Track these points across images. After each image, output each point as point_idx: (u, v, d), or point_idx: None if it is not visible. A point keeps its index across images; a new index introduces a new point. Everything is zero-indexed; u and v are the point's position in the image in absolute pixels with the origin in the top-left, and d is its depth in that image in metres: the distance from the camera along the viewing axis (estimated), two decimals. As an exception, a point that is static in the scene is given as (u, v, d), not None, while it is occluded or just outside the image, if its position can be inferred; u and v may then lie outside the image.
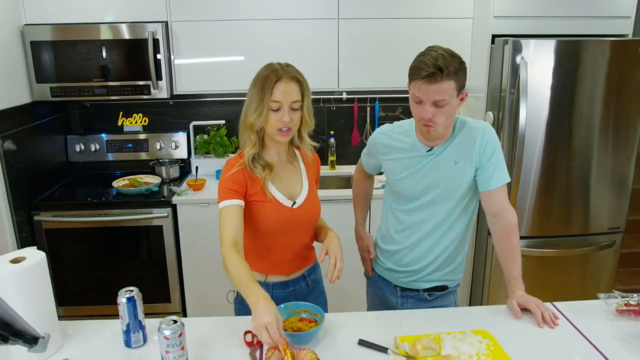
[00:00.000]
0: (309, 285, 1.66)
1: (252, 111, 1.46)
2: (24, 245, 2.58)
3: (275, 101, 1.43)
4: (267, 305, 1.25)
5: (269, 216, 1.52)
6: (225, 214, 1.46)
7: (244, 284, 1.34)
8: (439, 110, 1.42)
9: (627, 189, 2.74)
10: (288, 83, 1.44)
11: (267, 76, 1.44)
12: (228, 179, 1.49)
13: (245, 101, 1.50)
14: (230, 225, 1.44)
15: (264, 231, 1.54)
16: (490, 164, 1.51)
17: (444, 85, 1.39)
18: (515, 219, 1.56)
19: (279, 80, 1.43)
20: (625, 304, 1.49)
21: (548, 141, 2.60)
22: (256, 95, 1.45)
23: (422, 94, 1.42)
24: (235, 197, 1.47)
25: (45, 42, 2.66)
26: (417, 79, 1.41)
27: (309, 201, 1.59)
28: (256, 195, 1.51)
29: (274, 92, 1.43)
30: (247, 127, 1.48)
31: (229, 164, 1.53)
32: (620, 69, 2.54)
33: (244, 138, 1.52)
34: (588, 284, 2.89)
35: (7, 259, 1.28)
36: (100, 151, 3.14)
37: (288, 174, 1.59)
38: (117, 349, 1.37)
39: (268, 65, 1.49)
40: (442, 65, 1.36)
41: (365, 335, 1.39)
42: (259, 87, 1.45)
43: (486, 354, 1.32)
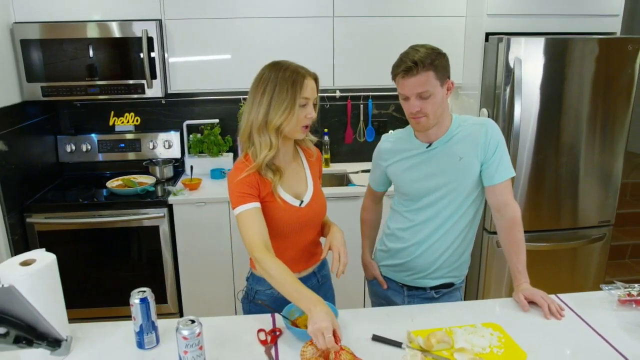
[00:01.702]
0: (319, 282, 1.67)
1: (280, 112, 1.43)
2: (16, 248, 2.52)
3: (305, 97, 1.45)
4: (323, 311, 1.26)
5: (278, 217, 1.52)
6: (247, 218, 1.45)
7: (294, 289, 1.34)
8: (425, 102, 1.49)
9: (617, 183, 2.81)
10: (311, 80, 1.48)
11: (294, 75, 1.44)
12: (241, 182, 1.47)
13: (262, 104, 1.45)
14: (256, 228, 1.44)
15: (273, 232, 1.53)
16: (494, 159, 1.54)
17: (422, 77, 1.46)
18: (519, 213, 1.59)
19: (305, 77, 1.46)
20: (627, 294, 1.53)
21: (539, 137, 2.65)
22: (285, 95, 1.43)
23: (404, 89, 1.50)
24: (251, 201, 1.46)
25: (36, 40, 2.60)
26: (396, 75, 1.51)
27: (315, 199, 1.60)
28: (266, 197, 1.51)
29: (304, 88, 1.45)
30: (272, 129, 1.45)
31: (238, 168, 1.51)
32: (609, 66, 2.60)
33: (260, 141, 1.47)
34: (579, 276, 2.96)
35: (16, 262, 1.26)
36: (91, 151, 3.09)
37: (292, 173, 1.59)
38: (130, 351, 1.35)
39: (279, 65, 1.47)
40: (417, 59, 1.45)
41: (378, 331, 1.40)
42: (288, 86, 1.43)
43: (498, 345, 1.35)
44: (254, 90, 1.49)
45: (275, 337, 1.39)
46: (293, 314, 1.43)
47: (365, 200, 1.91)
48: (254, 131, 1.48)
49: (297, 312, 1.44)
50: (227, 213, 2.74)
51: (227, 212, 2.74)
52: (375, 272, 1.80)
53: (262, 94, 1.46)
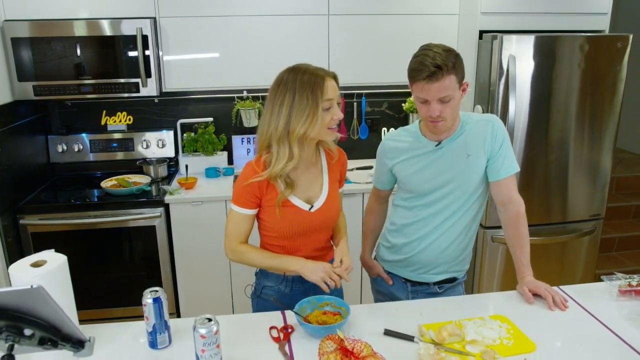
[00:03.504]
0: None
1: (302, 120, 1.39)
2: (10, 250, 2.48)
3: (328, 99, 1.41)
4: (310, 263, 1.48)
5: (286, 220, 1.52)
6: (235, 218, 1.54)
7: (274, 260, 1.53)
8: (445, 106, 1.47)
9: (606, 178, 2.87)
10: (331, 80, 1.44)
11: (313, 78, 1.40)
12: (245, 188, 1.48)
13: (282, 113, 1.41)
14: (238, 228, 1.54)
15: (280, 233, 1.54)
16: (500, 154, 1.57)
17: (446, 81, 1.43)
18: (523, 208, 1.62)
19: (324, 79, 1.41)
20: (628, 285, 1.57)
21: (530, 134, 2.70)
22: (306, 102, 1.39)
23: (426, 94, 1.46)
24: (248, 207, 1.51)
25: (27, 38, 2.55)
26: (419, 80, 1.44)
27: (328, 204, 1.57)
28: (273, 201, 1.50)
29: (326, 91, 1.40)
30: (294, 139, 1.41)
31: (248, 172, 1.49)
32: (598, 64, 2.66)
33: (279, 151, 1.43)
34: (570, 269, 3.03)
35: (27, 263, 1.25)
36: (83, 151, 3.04)
37: (308, 176, 1.55)
38: (142, 351, 1.35)
39: (296, 70, 1.43)
40: (441, 62, 1.41)
41: (388, 326, 1.42)
42: (308, 91, 1.39)
43: (508, 337, 1.37)
44: (272, 99, 1.43)
45: (288, 334, 1.40)
46: (304, 310, 1.44)
47: (370, 202, 1.91)
48: (273, 142, 1.44)
49: (308, 309, 1.45)
50: (223, 212, 2.73)
51: (223, 211, 2.73)
52: (379, 270, 1.82)
53: (280, 103, 1.41)
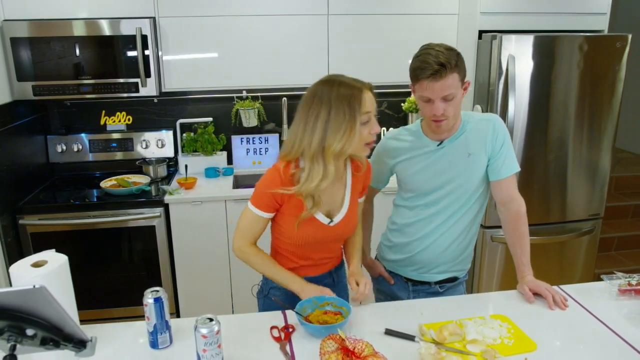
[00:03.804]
0: (335, 281, 1.66)
1: (339, 136, 1.33)
2: (9, 250, 2.48)
3: (366, 112, 1.35)
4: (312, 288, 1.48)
5: (303, 231, 1.48)
6: (250, 218, 1.49)
7: (277, 273, 1.52)
8: (448, 104, 1.47)
9: (605, 178, 2.88)
10: (368, 91, 1.38)
11: (350, 91, 1.34)
12: (267, 193, 1.44)
13: (316, 129, 1.35)
14: (251, 229, 1.51)
15: (295, 241, 1.51)
16: (501, 154, 1.57)
17: (449, 79, 1.44)
18: (524, 207, 1.63)
19: (362, 91, 1.35)
20: (628, 284, 1.58)
21: (529, 133, 2.70)
22: (342, 116, 1.32)
23: (430, 93, 1.46)
24: (265, 210, 1.47)
25: (26, 38, 2.54)
26: (422, 79, 1.44)
27: (347, 218, 1.54)
28: (293, 210, 1.46)
29: (364, 104, 1.34)
30: (330, 156, 1.35)
31: (274, 175, 1.43)
32: (597, 63, 2.67)
33: (312, 169, 1.37)
34: (569, 269, 3.04)
35: (28, 263, 1.24)
36: (82, 151, 3.04)
37: (332, 190, 1.49)
38: (143, 351, 1.34)
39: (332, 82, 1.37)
40: (444, 60, 1.42)
41: (389, 325, 1.42)
42: (344, 105, 1.32)
43: (508, 336, 1.38)
44: (305, 112, 1.37)
45: (289, 334, 1.40)
46: (305, 310, 1.44)
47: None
48: (306, 158, 1.39)
49: (309, 309, 1.45)
50: (223, 212, 2.73)
51: (223, 211, 2.73)
52: (380, 269, 1.82)
53: (315, 117, 1.35)
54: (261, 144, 3.20)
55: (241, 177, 3.12)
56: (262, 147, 3.20)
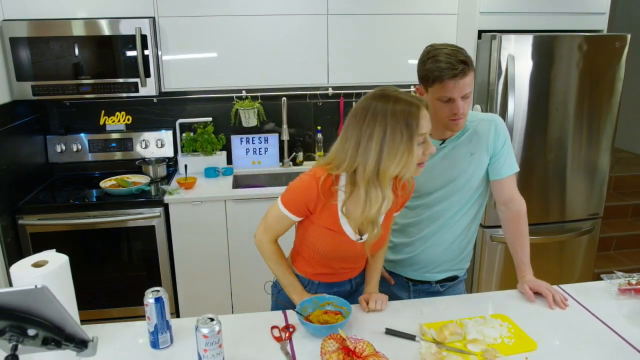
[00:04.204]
0: (353, 288, 1.63)
1: (396, 161, 1.23)
2: (9, 250, 2.47)
3: (423, 134, 1.26)
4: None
5: (331, 243, 1.44)
6: (279, 215, 1.45)
7: (284, 278, 1.52)
8: (465, 102, 1.48)
9: (604, 177, 2.88)
10: (424, 109, 1.26)
11: (407, 108, 1.24)
12: (298, 196, 1.40)
13: (370, 149, 1.24)
14: (279, 227, 1.48)
15: (321, 251, 1.47)
16: (502, 153, 1.58)
17: (470, 77, 1.45)
18: (525, 207, 1.63)
19: (419, 108, 1.25)
20: (627, 283, 1.58)
21: (529, 133, 2.71)
22: (400, 138, 1.22)
23: (454, 92, 1.44)
24: (294, 213, 1.43)
25: (26, 38, 2.54)
26: (448, 79, 1.42)
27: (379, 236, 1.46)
28: (324, 221, 1.41)
29: (421, 123, 1.24)
30: (386, 180, 1.26)
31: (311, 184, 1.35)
32: (596, 63, 2.68)
33: (370, 194, 1.28)
34: (568, 268, 3.04)
35: (28, 263, 1.24)
36: (82, 151, 3.04)
37: None
38: (143, 351, 1.34)
39: (386, 97, 1.26)
40: (464, 58, 1.43)
41: (389, 325, 1.42)
42: (402, 126, 1.22)
43: (509, 336, 1.38)
44: (358, 129, 1.26)
45: (290, 334, 1.40)
46: (306, 310, 1.44)
47: None
48: (360, 180, 1.28)
49: (309, 308, 1.45)
50: (223, 212, 2.73)
51: (223, 211, 2.73)
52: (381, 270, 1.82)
53: (369, 136, 1.24)
54: (261, 143, 3.20)
55: (241, 177, 3.13)
56: (261, 147, 3.20)
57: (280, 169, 3.20)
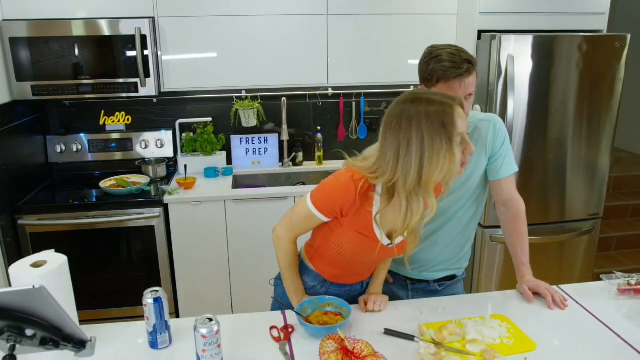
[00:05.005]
0: (363, 287, 1.62)
1: (439, 167, 1.17)
2: (9, 250, 2.47)
3: (460, 133, 1.19)
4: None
5: (359, 247, 1.38)
6: (306, 213, 1.37)
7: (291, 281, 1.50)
8: (468, 102, 1.48)
9: (604, 177, 2.88)
10: (459, 107, 1.20)
11: (442, 108, 1.18)
12: (332, 197, 1.34)
13: (410, 159, 1.18)
14: (304, 226, 1.42)
15: (345, 254, 1.41)
16: (501, 154, 1.58)
17: (474, 76, 1.46)
18: (524, 207, 1.63)
19: (453, 107, 1.19)
20: (627, 284, 1.58)
21: (529, 133, 2.70)
22: (440, 142, 1.16)
23: (459, 91, 1.43)
24: (324, 214, 1.36)
25: (25, 38, 2.54)
26: (454, 78, 1.41)
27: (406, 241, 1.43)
28: (356, 226, 1.35)
29: (456, 122, 1.18)
30: (430, 188, 1.19)
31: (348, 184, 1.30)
32: (596, 63, 2.67)
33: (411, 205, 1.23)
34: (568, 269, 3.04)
35: (27, 263, 1.24)
36: (81, 151, 3.04)
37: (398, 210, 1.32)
38: (142, 351, 1.34)
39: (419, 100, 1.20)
40: (469, 57, 1.43)
41: (389, 325, 1.42)
42: (438, 126, 1.16)
43: (508, 336, 1.38)
44: (396, 137, 1.19)
45: (289, 334, 1.40)
46: (305, 310, 1.44)
47: None
48: (401, 192, 1.23)
49: (309, 309, 1.44)
50: (222, 212, 2.73)
51: (222, 211, 2.73)
52: None
53: (408, 143, 1.18)
54: (260, 143, 3.20)
55: (240, 177, 3.13)
56: (261, 147, 3.20)
57: (280, 169, 3.19)
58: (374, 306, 1.50)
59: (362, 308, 1.51)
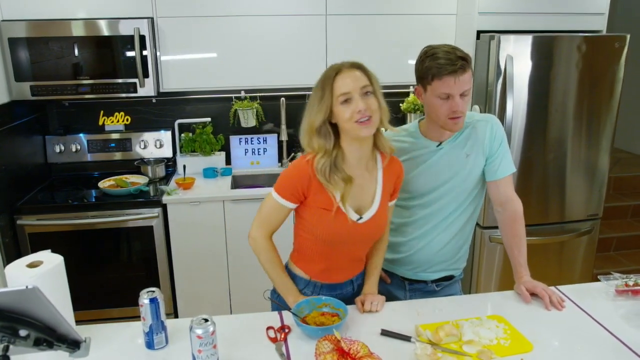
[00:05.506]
0: (354, 289, 1.62)
1: (313, 112, 1.38)
2: (7, 250, 2.47)
3: (343, 93, 1.34)
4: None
5: (330, 226, 1.44)
6: (272, 205, 1.47)
7: (279, 278, 1.53)
8: (464, 101, 1.48)
9: (604, 178, 2.88)
10: (349, 71, 1.37)
11: (325, 74, 1.39)
12: (291, 180, 1.44)
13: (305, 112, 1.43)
14: (270, 218, 1.49)
15: (320, 238, 1.47)
16: (498, 154, 1.57)
17: (469, 74, 1.46)
18: (521, 208, 1.62)
19: (339, 72, 1.37)
20: (624, 285, 1.58)
21: (528, 133, 2.70)
22: (316, 96, 1.38)
23: (452, 88, 1.44)
24: (289, 200, 1.44)
25: (25, 38, 2.54)
26: (447, 75, 1.43)
27: (377, 217, 1.49)
28: (320, 203, 1.42)
29: (337, 84, 1.35)
30: (311, 130, 1.38)
31: (301, 162, 1.43)
32: (595, 64, 2.67)
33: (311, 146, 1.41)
34: (567, 269, 3.03)
35: (23, 264, 1.24)
36: (80, 152, 3.04)
37: (363, 182, 1.46)
38: (139, 351, 1.34)
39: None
40: (463, 55, 1.43)
41: (385, 326, 1.42)
42: (319, 87, 1.38)
43: (504, 337, 1.37)
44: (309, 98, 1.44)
45: (285, 335, 1.40)
46: (303, 311, 1.44)
47: None
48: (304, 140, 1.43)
49: (306, 309, 1.44)
50: (221, 212, 2.73)
51: (221, 211, 2.73)
52: None
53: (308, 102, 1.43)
54: (259, 144, 3.20)
55: (239, 177, 3.13)
56: (260, 148, 3.20)
57: (279, 169, 3.19)
58: (371, 306, 1.50)
59: (359, 309, 1.51)
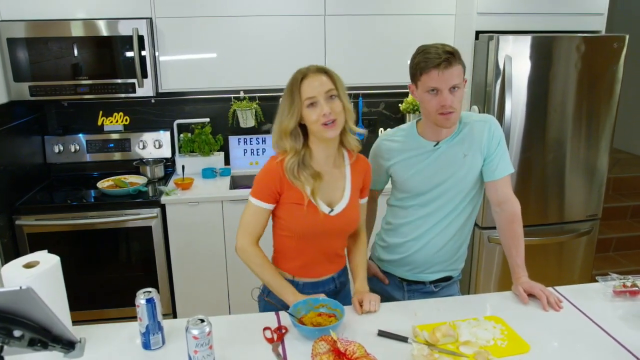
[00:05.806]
0: (337, 287, 1.64)
1: (285, 116, 1.45)
2: (6, 251, 2.48)
3: (309, 97, 1.42)
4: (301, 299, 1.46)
5: (303, 220, 1.49)
6: (252, 211, 1.51)
7: (274, 280, 1.52)
8: (454, 97, 1.48)
9: (603, 178, 2.87)
10: (315, 76, 1.45)
11: (293, 78, 1.46)
12: (264, 182, 1.50)
13: (277, 115, 1.50)
14: (253, 222, 1.51)
15: (296, 233, 1.52)
16: (496, 155, 1.57)
17: (457, 69, 1.46)
18: (519, 208, 1.62)
19: (305, 77, 1.44)
20: (622, 285, 1.57)
21: (527, 134, 2.70)
22: (286, 100, 1.45)
23: (439, 82, 1.46)
24: (266, 201, 1.50)
25: (23, 39, 2.54)
26: (432, 68, 1.45)
27: (348, 210, 1.54)
28: (293, 199, 1.49)
29: (304, 88, 1.43)
30: (283, 133, 1.46)
31: (271, 163, 1.51)
32: (594, 64, 2.67)
33: (282, 146, 1.49)
34: (567, 270, 3.03)
35: (19, 264, 1.24)
36: (79, 152, 3.04)
37: (332, 178, 1.53)
38: (135, 352, 1.34)
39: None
40: (451, 50, 1.45)
41: (383, 326, 1.41)
42: (288, 91, 1.46)
43: (502, 338, 1.37)
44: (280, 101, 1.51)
45: (282, 335, 1.39)
46: (299, 312, 1.43)
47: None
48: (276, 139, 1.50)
49: (303, 310, 1.44)
50: (220, 212, 2.73)
51: (220, 211, 2.73)
52: (375, 269, 1.81)
53: (279, 105, 1.50)
54: (258, 144, 3.20)
55: (238, 177, 3.12)
56: (259, 148, 3.20)
57: (278, 169, 3.19)
58: (369, 306, 1.50)
59: (358, 310, 1.51)
